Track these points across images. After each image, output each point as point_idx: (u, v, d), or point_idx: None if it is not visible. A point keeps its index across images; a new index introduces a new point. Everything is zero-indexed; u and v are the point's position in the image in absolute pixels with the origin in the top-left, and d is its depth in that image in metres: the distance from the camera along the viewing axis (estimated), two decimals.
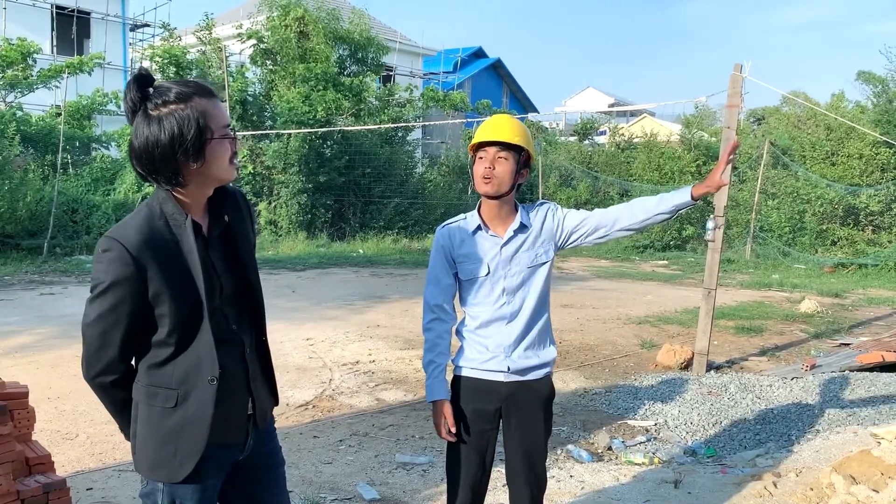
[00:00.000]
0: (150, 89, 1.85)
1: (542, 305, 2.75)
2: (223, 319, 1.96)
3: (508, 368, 2.68)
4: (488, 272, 2.68)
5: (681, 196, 2.59)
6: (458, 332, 2.80)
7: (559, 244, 2.75)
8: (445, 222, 2.81)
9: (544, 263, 2.72)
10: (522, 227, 2.70)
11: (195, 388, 1.89)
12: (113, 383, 1.94)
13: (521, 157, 2.65)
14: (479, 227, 2.70)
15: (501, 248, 2.68)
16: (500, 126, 2.64)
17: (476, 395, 2.70)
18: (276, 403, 2.19)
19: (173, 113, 1.81)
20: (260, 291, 2.08)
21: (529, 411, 2.72)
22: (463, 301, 2.77)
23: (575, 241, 2.75)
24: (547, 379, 2.77)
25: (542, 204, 2.79)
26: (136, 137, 1.85)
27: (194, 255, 1.86)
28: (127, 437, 2.06)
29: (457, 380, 2.76)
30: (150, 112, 1.82)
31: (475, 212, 2.75)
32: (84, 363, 1.94)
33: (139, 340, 1.90)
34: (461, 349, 2.78)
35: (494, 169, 2.61)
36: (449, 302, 2.74)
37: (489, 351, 2.69)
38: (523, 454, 2.74)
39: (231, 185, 2.04)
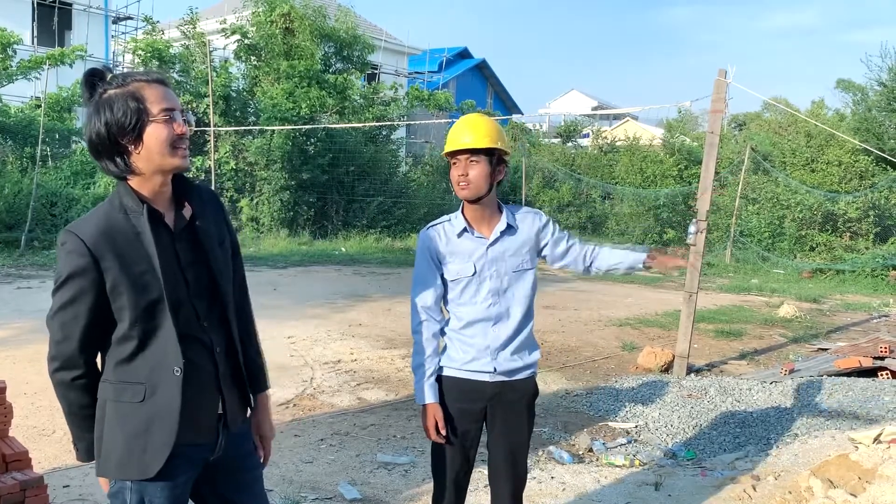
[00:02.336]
0: (99, 82, 1.87)
1: (528, 311, 2.77)
2: (192, 314, 1.94)
3: (494, 370, 2.70)
4: (475, 272, 2.69)
5: (636, 260, 2.82)
6: (443, 332, 2.81)
7: (540, 256, 2.83)
8: (430, 223, 2.82)
9: (528, 270, 2.75)
10: (509, 229, 2.72)
11: (162, 380, 1.88)
12: (73, 381, 1.91)
13: (493, 157, 2.66)
14: (465, 229, 2.71)
15: (488, 248, 2.70)
16: (468, 131, 2.64)
17: (461, 394, 2.72)
18: (250, 406, 2.18)
19: (109, 98, 1.84)
20: (229, 288, 2.05)
21: (514, 410, 2.75)
22: (448, 301, 2.78)
23: (549, 261, 2.86)
24: (531, 379, 2.80)
25: (529, 210, 2.81)
26: (85, 127, 1.89)
27: (152, 245, 1.86)
28: (78, 451, 2.00)
29: (443, 378, 2.77)
30: (96, 100, 1.86)
31: (459, 213, 2.75)
32: (48, 357, 1.94)
33: (100, 336, 1.89)
34: (446, 349, 2.78)
35: (468, 175, 2.62)
36: (437, 303, 2.75)
37: (474, 351, 2.70)
38: (508, 452, 2.77)
39: (201, 183, 2.04)
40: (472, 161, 2.62)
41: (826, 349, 8.39)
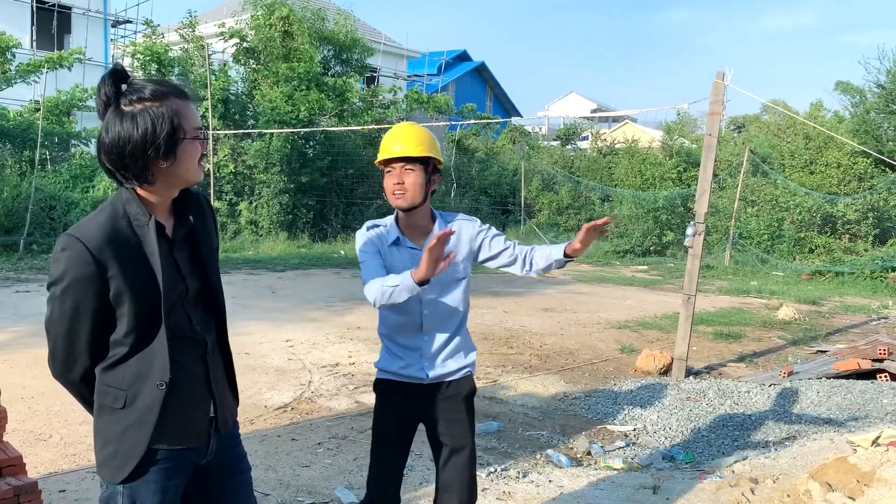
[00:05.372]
0: (125, 85, 1.83)
1: (461, 319, 2.76)
2: (186, 320, 1.95)
3: (427, 375, 2.70)
4: None
5: (556, 252, 2.67)
6: (380, 335, 2.81)
7: (477, 261, 2.80)
8: (370, 223, 2.78)
9: (461, 279, 2.73)
10: None
11: (143, 391, 1.87)
12: (82, 380, 1.94)
13: (428, 166, 2.65)
14: (397, 239, 2.70)
15: (420, 259, 2.66)
16: (402, 139, 2.62)
17: (395, 395, 2.74)
18: (237, 404, 2.18)
19: (147, 110, 1.80)
20: (222, 294, 2.08)
21: (451, 408, 2.74)
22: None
23: (491, 264, 2.79)
24: (467, 378, 2.79)
25: (464, 217, 2.80)
26: (106, 133, 1.83)
27: (156, 256, 1.85)
28: None
29: (378, 382, 2.80)
30: (124, 108, 1.81)
31: (393, 221, 2.74)
32: (51, 361, 1.94)
33: (101, 340, 1.88)
34: (382, 352, 2.80)
35: (404, 183, 2.60)
36: None
37: (407, 358, 2.71)
38: (450, 454, 2.74)
39: (194, 187, 2.03)
40: (407, 169, 2.60)
41: (825, 351, 8.38)
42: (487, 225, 2.82)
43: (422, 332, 2.69)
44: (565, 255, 2.64)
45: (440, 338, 2.70)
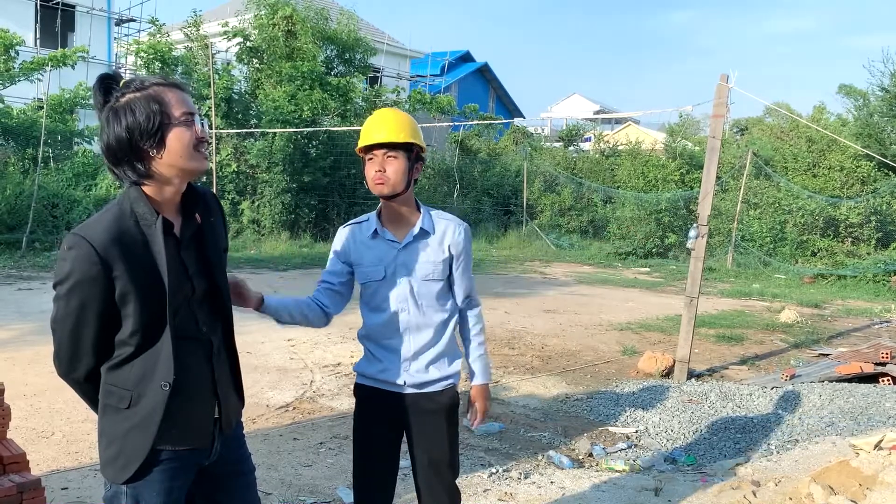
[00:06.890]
0: (115, 86, 1.86)
1: (444, 320, 2.63)
2: (192, 319, 1.94)
3: (405, 382, 2.59)
4: (384, 276, 2.57)
5: (474, 376, 2.73)
6: (359, 338, 2.72)
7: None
8: (348, 222, 2.73)
9: (438, 281, 2.60)
10: (424, 233, 2.59)
11: (148, 392, 1.87)
12: (87, 379, 1.94)
13: (412, 153, 2.56)
14: (376, 231, 2.60)
15: (399, 251, 2.57)
16: (384, 125, 2.54)
17: (375, 405, 2.65)
18: (242, 405, 2.18)
19: (129, 101, 1.82)
20: (229, 295, 2.08)
21: (431, 421, 2.63)
22: (362, 305, 2.69)
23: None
24: (450, 390, 2.67)
25: (452, 218, 2.67)
26: (102, 133, 1.85)
27: (163, 255, 1.84)
28: None
29: (358, 388, 2.71)
30: (113, 106, 1.84)
31: (375, 214, 2.66)
32: (56, 360, 1.94)
33: (106, 339, 1.88)
34: (362, 356, 2.71)
35: (385, 171, 2.52)
36: (335, 306, 2.67)
37: (385, 361, 2.60)
38: (429, 464, 2.66)
39: (202, 186, 2.03)
40: (389, 156, 2.51)
41: (827, 355, 8.37)
42: (470, 255, 2.69)
43: (401, 331, 2.57)
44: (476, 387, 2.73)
45: (422, 339, 2.57)
